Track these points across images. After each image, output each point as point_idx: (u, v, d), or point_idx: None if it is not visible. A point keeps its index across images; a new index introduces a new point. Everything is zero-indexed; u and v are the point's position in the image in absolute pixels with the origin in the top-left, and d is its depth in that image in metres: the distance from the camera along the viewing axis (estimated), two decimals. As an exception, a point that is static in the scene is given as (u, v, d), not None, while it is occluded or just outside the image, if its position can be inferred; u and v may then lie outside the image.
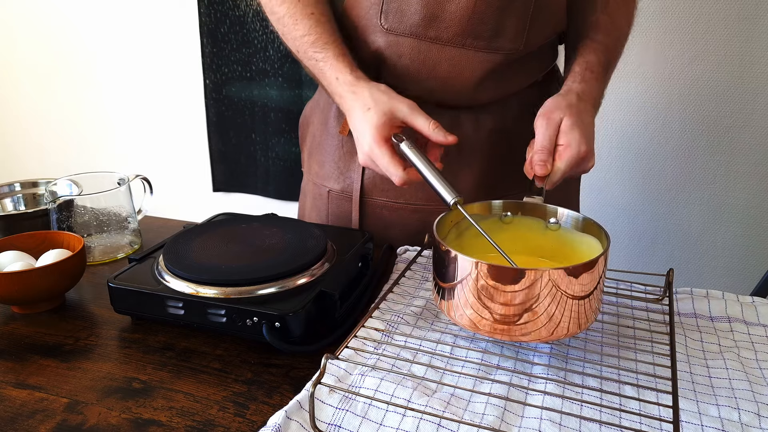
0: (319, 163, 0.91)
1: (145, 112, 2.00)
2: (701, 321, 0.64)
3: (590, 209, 1.52)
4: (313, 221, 0.93)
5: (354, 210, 0.87)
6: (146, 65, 1.94)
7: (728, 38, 1.34)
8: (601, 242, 0.58)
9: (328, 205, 0.90)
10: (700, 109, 1.41)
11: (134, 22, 1.90)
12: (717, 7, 1.32)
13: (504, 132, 0.83)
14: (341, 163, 0.88)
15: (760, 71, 1.34)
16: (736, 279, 1.49)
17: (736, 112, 1.39)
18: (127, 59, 1.96)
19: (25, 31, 2.04)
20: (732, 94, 1.38)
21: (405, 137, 0.68)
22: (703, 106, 1.41)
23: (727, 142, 1.42)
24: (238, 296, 0.61)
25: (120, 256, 0.84)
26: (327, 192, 0.90)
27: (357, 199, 0.86)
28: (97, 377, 0.57)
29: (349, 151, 0.87)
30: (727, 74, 1.36)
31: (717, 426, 0.48)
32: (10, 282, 0.65)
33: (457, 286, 0.54)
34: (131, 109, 2.01)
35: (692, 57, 1.37)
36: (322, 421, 0.48)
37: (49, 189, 0.84)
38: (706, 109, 1.41)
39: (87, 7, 1.94)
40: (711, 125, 1.42)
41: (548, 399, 0.51)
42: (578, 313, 0.53)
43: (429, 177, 0.64)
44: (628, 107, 1.45)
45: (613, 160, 1.49)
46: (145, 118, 2.01)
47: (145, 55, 1.93)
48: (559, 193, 0.76)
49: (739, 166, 1.42)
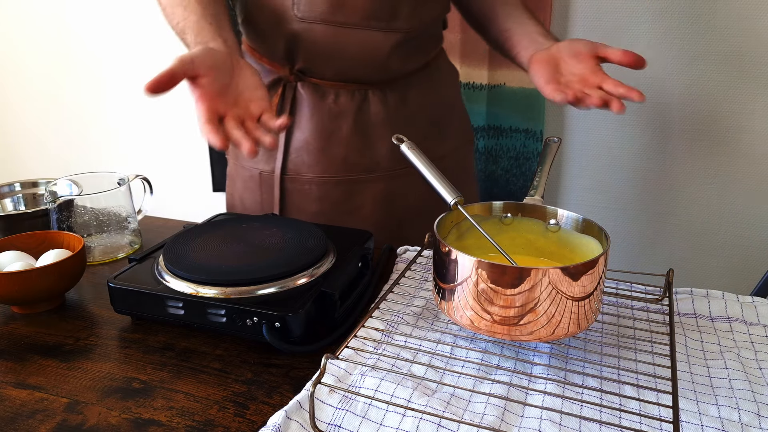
0: None
1: (145, 112, 2.00)
2: (701, 321, 0.64)
3: (590, 209, 1.52)
4: (245, 206, 0.97)
5: (275, 188, 0.91)
6: (146, 65, 1.94)
7: (728, 38, 1.33)
8: (601, 243, 0.58)
9: (261, 186, 0.94)
10: (700, 109, 1.41)
11: (134, 22, 1.90)
12: (717, 7, 1.32)
13: (408, 107, 0.92)
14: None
15: (760, 71, 1.34)
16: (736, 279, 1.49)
17: (736, 112, 1.38)
18: (127, 59, 1.95)
19: (26, 32, 2.04)
20: (732, 94, 1.37)
21: (405, 138, 0.68)
22: (703, 106, 1.40)
23: (727, 142, 1.41)
24: (238, 296, 0.61)
25: (120, 256, 0.84)
26: (259, 174, 0.93)
27: (278, 176, 0.91)
28: (97, 377, 0.57)
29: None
30: (727, 74, 1.36)
31: (717, 426, 0.48)
32: (10, 282, 0.65)
33: (458, 286, 0.54)
34: (131, 109, 2.01)
35: (692, 57, 1.37)
36: (322, 421, 0.48)
37: (49, 189, 0.84)
38: (706, 109, 1.41)
39: (87, 7, 1.93)
40: (711, 125, 1.41)
41: (548, 399, 0.51)
42: (578, 313, 0.53)
43: (429, 177, 0.65)
44: (628, 107, 1.45)
45: (613, 160, 1.49)
46: (145, 118, 2.01)
47: (145, 55, 1.93)
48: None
49: (739, 166, 1.42)
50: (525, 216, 0.65)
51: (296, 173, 0.90)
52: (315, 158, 0.89)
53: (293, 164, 0.90)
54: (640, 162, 1.48)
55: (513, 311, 0.52)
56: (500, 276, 0.51)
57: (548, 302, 0.51)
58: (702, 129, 1.43)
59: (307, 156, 0.89)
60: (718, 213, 1.47)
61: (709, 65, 1.37)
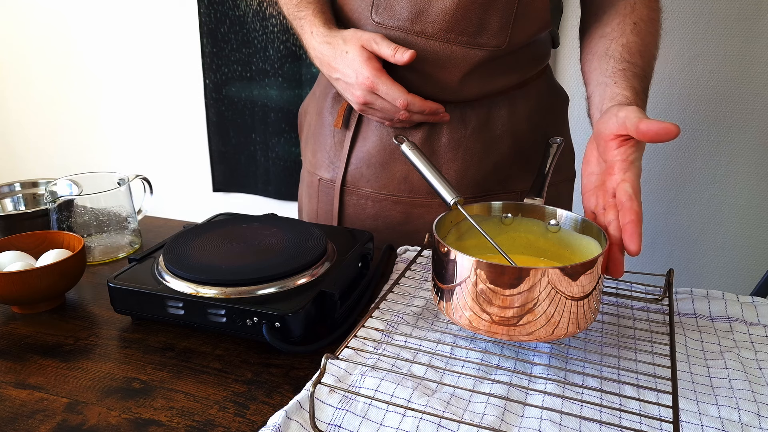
0: (313, 152, 0.93)
1: (146, 113, 2.00)
2: (701, 321, 0.64)
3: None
4: (308, 209, 0.96)
5: (335, 199, 0.89)
6: (146, 65, 1.94)
7: (728, 38, 1.34)
8: (600, 243, 0.58)
9: (318, 193, 0.92)
10: (700, 109, 1.41)
11: (134, 22, 1.90)
12: (717, 7, 1.32)
13: (490, 130, 0.84)
14: (332, 152, 0.90)
15: (760, 71, 1.34)
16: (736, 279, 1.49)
17: (736, 112, 1.38)
18: (127, 59, 1.96)
19: (26, 32, 2.04)
20: (732, 94, 1.38)
21: (406, 138, 0.68)
22: (703, 106, 1.41)
23: (727, 142, 1.42)
24: (238, 296, 0.61)
25: (120, 256, 0.84)
26: (318, 180, 0.92)
27: (338, 187, 0.88)
28: (97, 377, 0.57)
29: (339, 141, 0.88)
30: (727, 74, 1.36)
31: (717, 426, 0.48)
32: (10, 282, 0.65)
33: (457, 286, 0.54)
34: (131, 109, 2.01)
35: (692, 57, 1.37)
36: (322, 421, 0.48)
37: (49, 189, 0.84)
38: (706, 109, 1.41)
39: (87, 7, 1.94)
40: (711, 125, 1.41)
41: (548, 399, 0.51)
42: (577, 313, 0.53)
43: (429, 177, 0.65)
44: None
45: (613, 160, 1.49)
46: (145, 118, 2.01)
47: (145, 55, 1.93)
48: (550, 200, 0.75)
49: (739, 166, 1.42)
50: (525, 216, 0.65)
51: (354, 186, 0.87)
52: (374, 173, 0.85)
53: (351, 176, 0.87)
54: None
55: (512, 311, 0.52)
56: (499, 276, 0.51)
57: (547, 302, 0.51)
58: (702, 129, 1.43)
59: (366, 169, 0.86)
60: (718, 213, 1.47)
61: (709, 65, 1.37)
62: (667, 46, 1.37)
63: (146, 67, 1.94)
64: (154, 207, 0.94)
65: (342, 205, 0.89)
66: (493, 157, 0.84)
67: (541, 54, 0.85)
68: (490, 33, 0.75)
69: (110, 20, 1.93)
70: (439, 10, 0.74)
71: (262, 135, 1.85)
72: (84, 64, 2.01)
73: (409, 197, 0.86)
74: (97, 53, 1.99)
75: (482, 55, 0.77)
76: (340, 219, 0.90)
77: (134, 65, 1.95)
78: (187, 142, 1.97)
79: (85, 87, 2.04)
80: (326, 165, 0.90)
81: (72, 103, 2.08)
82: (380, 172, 0.86)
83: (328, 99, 0.90)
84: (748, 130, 1.39)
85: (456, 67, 0.77)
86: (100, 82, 2.02)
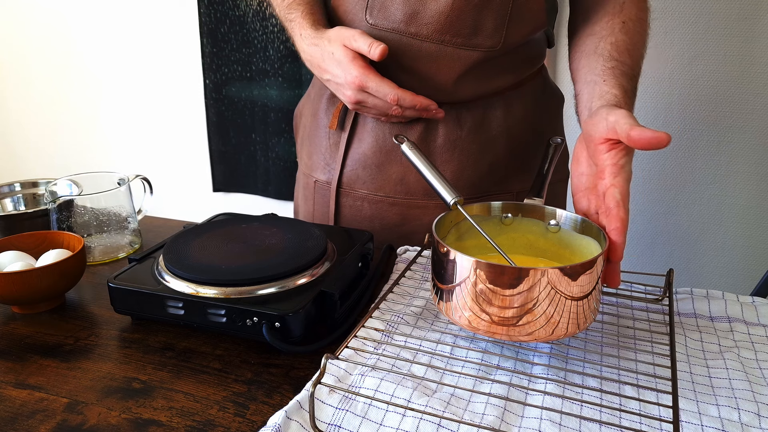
0: (308, 154, 0.93)
1: (146, 113, 2.00)
2: (701, 321, 0.64)
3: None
4: (304, 211, 0.95)
5: (331, 201, 0.89)
6: (146, 65, 1.94)
7: (728, 38, 1.34)
8: (600, 243, 0.58)
9: (314, 195, 0.92)
10: (700, 109, 1.41)
11: (134, 23, 1.90)
12: (717, 7, 1.32)
13: (485, 131, 0.84)
14: (327, 154, 0.89)
15: (760, 71, 1.34)
16: (736, 279, 1.49)
17: (736, 112, 1.39)
18: (127, 59, 1.96)
19: (25, 32, 2.04)
20: (732, 94, 1.38)
21: (406, 138, 0.68)
22: (703, 106, 1.41)
23: (727, 142, 1.42)
24: (238, 296, 0.61)
25: (120, 256, 0.84)
26: (314, 182, 0.92)
27: (334, 189, 0.88)
28: (97, 377, 0.57)
29: (335, 143, 0.88)
30: (727, 74, 1.36)
31: (717, 426, 0.48)
32: (10, 282, 0.65)
33: (457, 287, 0.54)
34: (131, 109, 2.01)
35: (692, 57, 1.37)
36: (322, 421, 0.48)
37: (49, 189, 0.84)
38: (706, 109, 1.41)
39: (87, 7, 1.94)
40: (711, 125, 1.41)
41: (548, 399, 0.51)
42: (577, 313, 0.53)
43: (429, 177, 0.65)
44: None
45: (613, 160, 1.49)
46: (145, 119, 2.01)
47: (145, 55, 1.93)
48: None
49: (739, 166, 1.42)
50: (525, 216, 0.65)
51: (350, 188, 0.87)
52: (370, 174, 0.85)
53: (347, 177, 0.87)
54: (640, 162, 1.48)
55: (512, 312, 0.52)
56: (498, 276, 0.51)
57: (547, 302, 0.51)
58: (702, 129, 1.43)
59: (362, 171, 0.86)
60: (718, 213, 1.47)
61: (709, 65, 1.37)
62: (667, 46, 1.38)
63: (146, 67, 1.94)
64: (154, 207, 0.94)
65: (338, 206, 0.89)
66: (489, 157, 0.84)
67: (537, 54, 0.85)
68: (484, 34, 0.75)
69: (110, 20, 1.93)
70: (433, 11, 0.74)
71: (262, 135, 1.85)
72: (84, 64, 2.01)
73: (405, 199, 0.86)
74: (97, 53, 1.99)
75: (477, 56, 0.76)
76: (336, 221, 0.90)
77: (134, 65, 1.95)
78: (187, 142, 1.97)
79: (85, 87, 2.04)
80: (322, 167, 0.90)
81: (72, 103, 2.08)
82: (376, 173, 0.86)
83: (323, 101, 0.90)
84: (748, 131, 1.39)
85: (451, 68, 0.77)
86: (100, 82, 2.02)
